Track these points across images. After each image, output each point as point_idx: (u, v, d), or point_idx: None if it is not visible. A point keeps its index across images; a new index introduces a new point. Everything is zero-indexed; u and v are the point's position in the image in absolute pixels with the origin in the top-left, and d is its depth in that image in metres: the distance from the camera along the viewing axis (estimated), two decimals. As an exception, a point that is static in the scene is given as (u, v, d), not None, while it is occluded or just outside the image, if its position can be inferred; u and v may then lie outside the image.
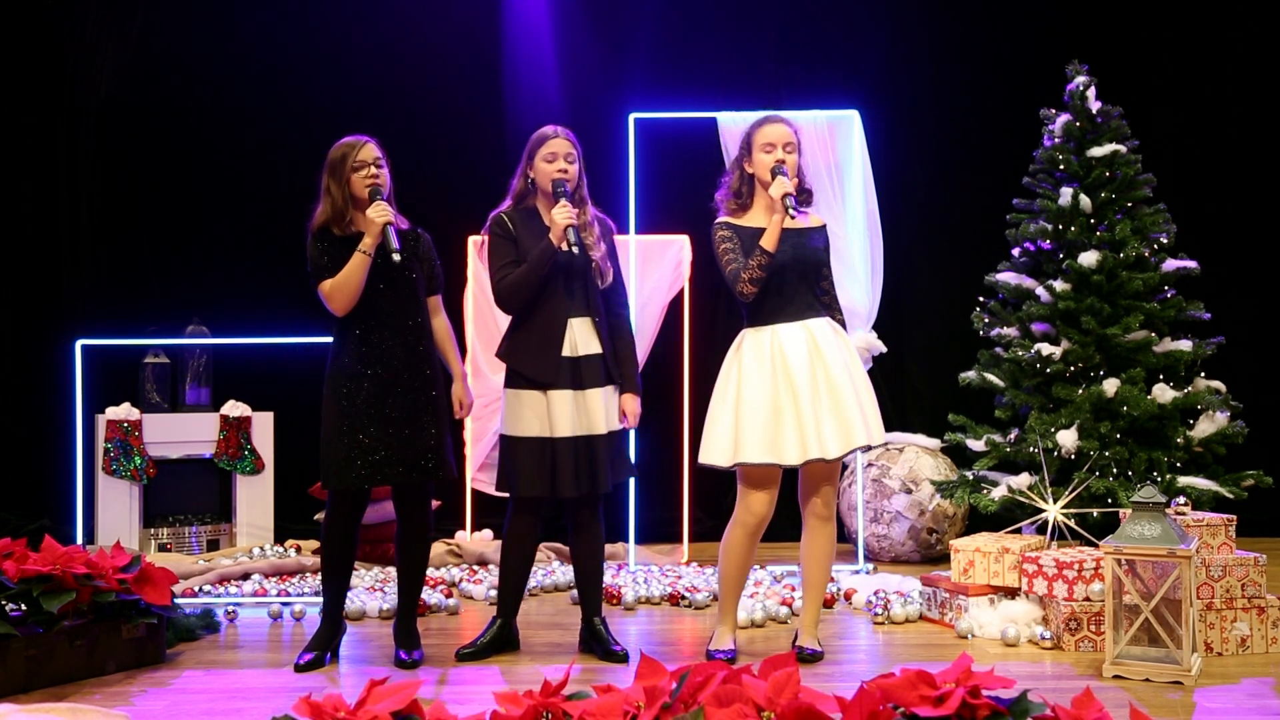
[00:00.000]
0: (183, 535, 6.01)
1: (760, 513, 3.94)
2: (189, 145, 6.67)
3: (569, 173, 4.02)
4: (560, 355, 3.98)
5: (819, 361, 3.89)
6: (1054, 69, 5.87)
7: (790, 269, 3.93)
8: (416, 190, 6.47)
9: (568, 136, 4.07)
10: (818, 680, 3.68)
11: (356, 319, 3.92)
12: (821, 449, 3.85)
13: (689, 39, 6.80)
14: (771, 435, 3.86)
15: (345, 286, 3.87)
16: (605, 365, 4.04)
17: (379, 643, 4.33)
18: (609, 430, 4.03)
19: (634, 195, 5.77)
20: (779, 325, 3.93)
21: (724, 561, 4.03)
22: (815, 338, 3.92)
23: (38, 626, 3.79)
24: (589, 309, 4.04)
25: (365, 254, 3.86)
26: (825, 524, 4.02)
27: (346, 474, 3.88)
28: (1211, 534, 4.16)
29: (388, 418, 3.90)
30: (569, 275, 4.01)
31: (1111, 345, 5.38)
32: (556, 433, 3.97)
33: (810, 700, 2.52)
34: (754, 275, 3.87)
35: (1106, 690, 3.59)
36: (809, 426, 3.84)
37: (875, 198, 5.69)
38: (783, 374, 3.88)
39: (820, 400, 3.87)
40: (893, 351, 5.98)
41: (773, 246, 3.85)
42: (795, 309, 3.94)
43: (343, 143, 3.98)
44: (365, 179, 3.91)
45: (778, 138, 3.96)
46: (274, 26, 6.68)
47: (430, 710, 2.66)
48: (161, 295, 6.54)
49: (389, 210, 3.88)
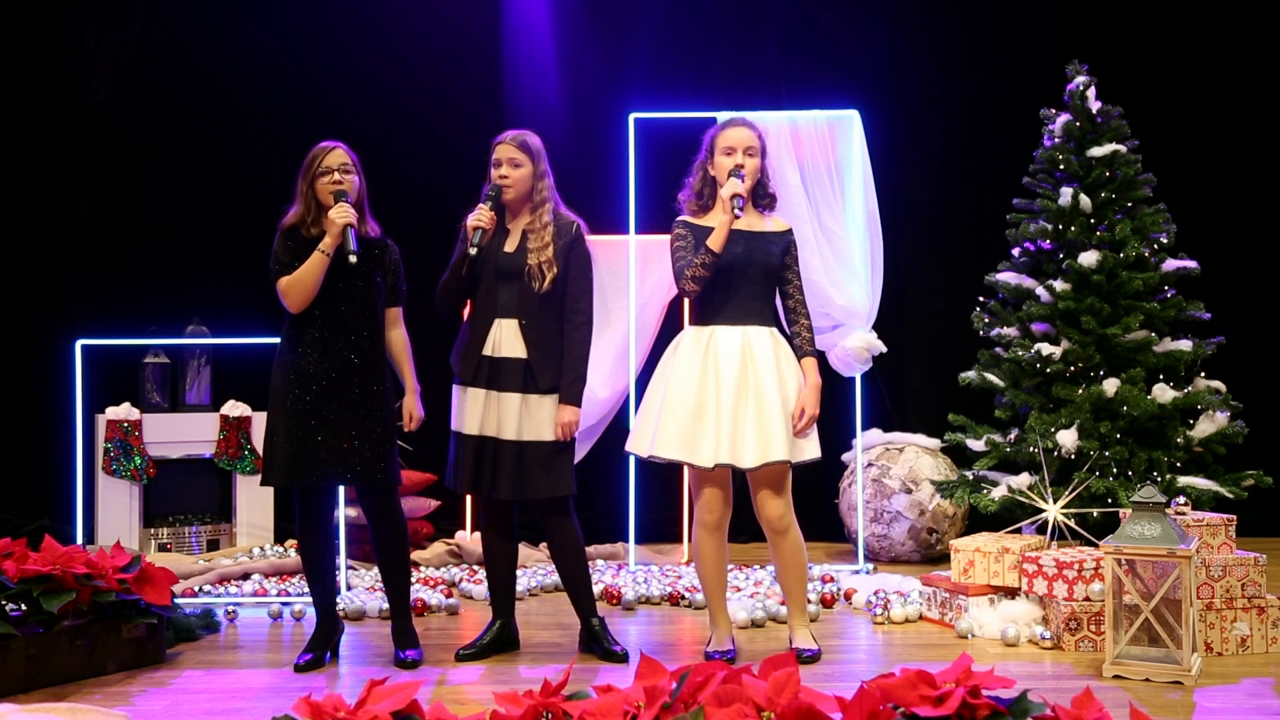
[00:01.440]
0: (183, 535, 6.01)
1: (716, 509, 3.95)
2: (189, 145, 6.67)
3: (509, 178, 4.04)
4: (480, 353, 4.00)
5: (750, 368, 3.89)
6: (1054, 69, 5.87)
7: (739, 270, 3.95)
8: (416, 191, 6.53)
9: (518, 143, 4.07)
10: (818, 680, 3.68)
11: (311, 319, 3.95)
12: (734, 455, 3.85)
13: (689, 39, 6.80)
14: (690, 433, 3.87)
15: (300, 283, 3.90)
16: (527, 370, 3.99)
17: (379, 643, 4.33)
18: (526, 439, 3.97)
19: (634, 195, 5.77)
20: (717, 326, 3.95)
21: (698, 565, 4.06)
22: (751, 344, 3.92)
23: (38, 626, 3.79)
24: (518, 311, 4.01)
25: (324, 254, 3.89)
26: (781, 536, 3.99)
27: (287, 471, 3.90)
28: (1211, 534, 4.16)
29: (334, 419, 3.91)
30: (505, 276, 4.02)
31: (1111, 345, 5.38)
32: (465, 429, 4.01)
33: (810, 700, 2.52)
34: (696, 273, 3.90)
35: (1106, 690, 3.59)
36: (725, 431, 3.85)
37: (875, 198, 5.69)
38: (713, 374, 3.89)
39: (745, 407, 3.87)
40: (893, 351, 5.98)
41: (718, 247, 3.88)
42: (738, 313, 3.94)
43: (315, 147, 4.03)
44: (329, 184, 3.96)
45: (738, 141, 3.99)
46: (274, 27, 6.68)
47: (430, 710, 2.66)
48: (161, 295, 6.53)
49: (350, 212, 3.91)
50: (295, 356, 3.95)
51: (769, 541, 4.04)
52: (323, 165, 3.97)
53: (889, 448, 6.07)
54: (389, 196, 4.87)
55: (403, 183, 6.37)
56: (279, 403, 3.95)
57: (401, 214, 4.73)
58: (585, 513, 5.65)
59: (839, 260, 5.61)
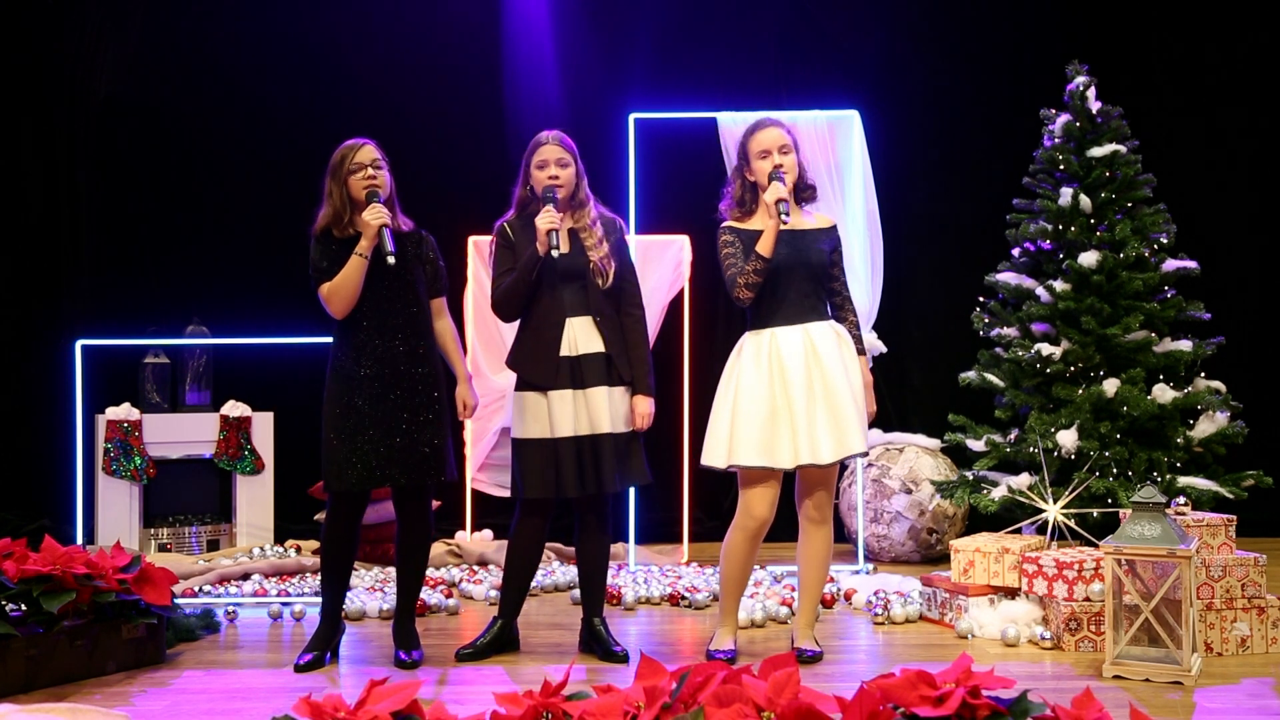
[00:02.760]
0: (183, 535, 6.01)
1: (760, 516, 3.93)
2: (189, 145, 6.67)
3: (559, 178, 4.03)
4: (558, 355, 3.98)
5: (816, 365, 3.89)
6: (1054, 69, 5.87)
7: (789, 271, 3.93)
8: (416, 191, 6.47)
9: (560, 141, 4.07)
10: (818, 680, 3.68)
11: (357, 320, 3.93)
12: (814, 454, 3.85)
13: (689, 39, 6.80)
14: (767, 438, 3.86)
15: (342, 289, 3.87)
16: (609, 364, 4.02)
17: (379, 643, 4.33)
18: (615, 430, 4.00)
19: (634, 195, 5.77)
20: (777, 328, 3.93)
21: (725, 564, 4.03)
22: (814, 341, 3.91)
23: (38, 626, 3.79)
24: (589, 308, 4.03)
25: (362, 257, 3.86)
26: (819, 527, 4.01)
27: (346, 476, 3.88)
28: (1211, 534, 4.16)
29: (388, 420, 3.90)
30: (566, 276, 4.01)
31: (1111, 345, 5.38)
32: (558, 433, 3.97)
33: (810, 700, 2.52)
34: (749, 280, 3.88)
35: (1106, 690, 3.59)
36: (802, 431, 3.84)
37: (875, 198, 5.69)
38: (779, 377, 3.88)
39: (816, 405, 3.86)
40: (893, 351, 5.98)
41: (768, 252, 3.87)
42: (794, 311, 3.93)
43: (343, 145, 3.99)
44: (362, 181, 3.92)
45: (771, 142, 3.98)
46: (274, 27, 6.68)
47: (430, 710, 2.66)
48: (161, 295, 6.53)
49: (384, 213, 3.88)
50: (346, 359, 3.93)
51: (802, 534, 4.03)
52: (354, 162, 3.93)
53: (889, 448, 6.07)
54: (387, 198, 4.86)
55: (402, 183, 6.32)
56: (333, 406, 3.92)
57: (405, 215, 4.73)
58: (585, 513, 5.68)
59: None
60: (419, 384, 3.96)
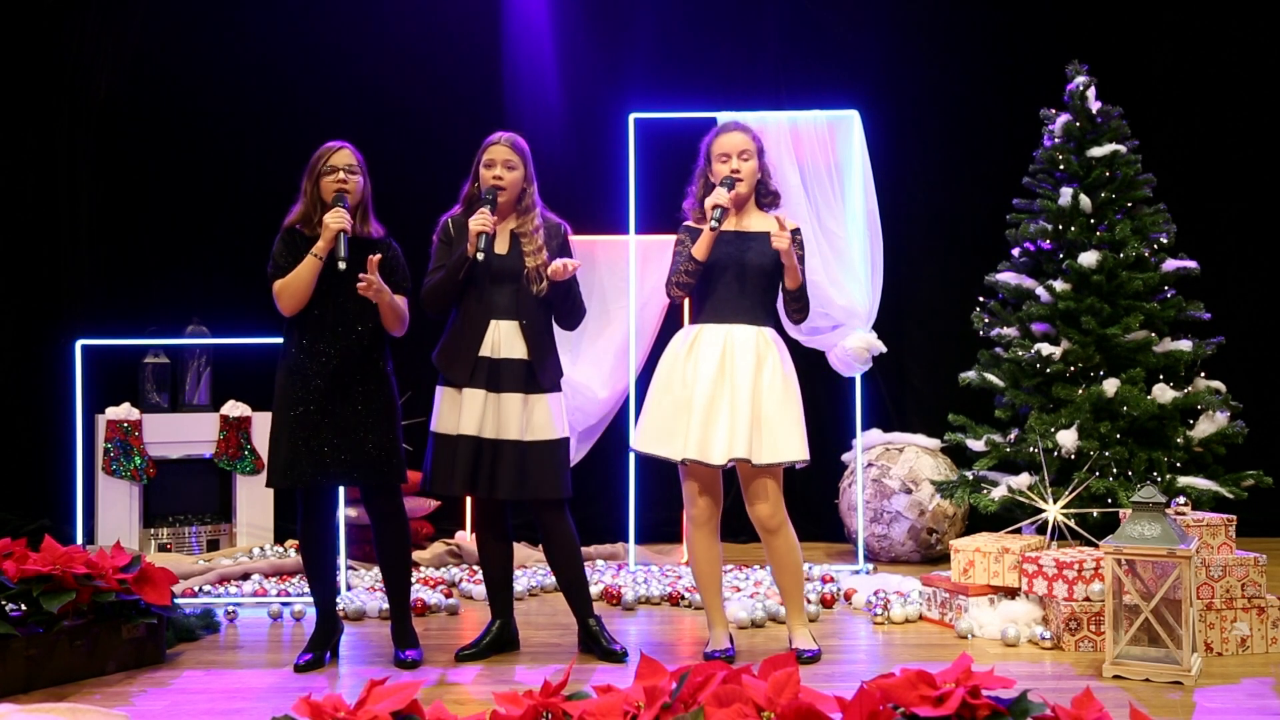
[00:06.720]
0: (183, 535, 6.01)
1: (701, 505, 3.97)
2: (189, 145, 6.67)
3: (504, 180, 4.02)
4: (477, 355, 3.98)
5: (728, 367, 3.91)
6: (1054, 69, 5.87)
7: (723, 271, 3.97)
8: (416, 190, 6.50)
9: (512, 144, 4.06)
10: (818, 680, 3.68)
11: (310, 320, 3.94)
12: (702, 452, 3.86)
13: (689, 39, 6.80)
14: (667, 428, 3.91)
15: (293, 286, 3.89)
16: (529, 371, 3.99)
17: (378, 643, 4.33)
18: (524, 439, 3.97)
19: (634, 195, 5.77)
20: (704, 325, 3.99)
21: (691, 562, 4.10)
22: (733, 344, 3.93)
23: (38, 626, 3.79)
24: (517, 313, 4.01)
25: (317, 257, 3.87)
26: (772, 536, 4.00)
27: (291, 472, 3.90)
28: (1211, 534, 4.16)
29: (336, 419, 3.91)
30: (500, 278, 4.01)
31: (1111, 345, 5.37)
32: (461, 430, 3.97)
33: (810, 700, 2.52)
34: (680, 279, 3.97)
35: (1106, 690, 3.59)
36: (696, 427, 3.87)
37: (875, 198, 5.68)
38: (691, 371, 3.93)
39: (719, 405, 3.88)
40: (893, 351, 5.97)
41: (702, 255, 3.93)
42: (724, 312, 3.96)
43: (322, 147, 4.02)
44: (333, 184, 3.94)
45: (732, 147, 4.00)
46: (274, 27, 6.68)
47: (430, 710, 2.66)
48: (161, 295, 6.53)
49: (345, 217, 3.88)
50: (296, 356, 3.95)
51: (763, 542, 4.05)
52: (328, 164, 3.95)
53: (889, 448, 6.07)
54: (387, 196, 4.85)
55: (402, 183, 6.36)
56: (282, 403, 3.95)
57: (400, 214, 4.72)
58: (585, 513, 5.68)
59: (839, 260, 5.60)
60: (368, 386, 3.97)
